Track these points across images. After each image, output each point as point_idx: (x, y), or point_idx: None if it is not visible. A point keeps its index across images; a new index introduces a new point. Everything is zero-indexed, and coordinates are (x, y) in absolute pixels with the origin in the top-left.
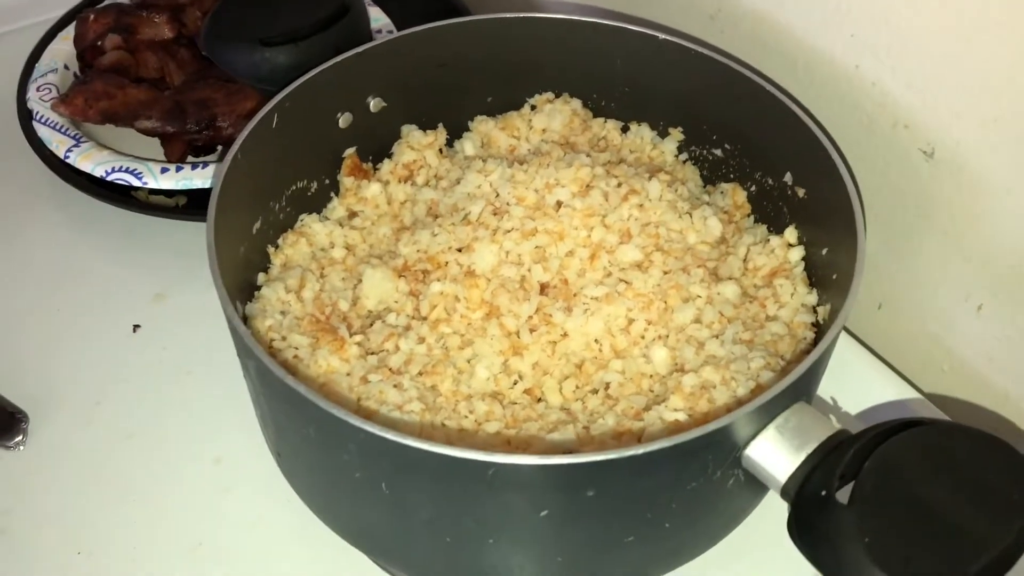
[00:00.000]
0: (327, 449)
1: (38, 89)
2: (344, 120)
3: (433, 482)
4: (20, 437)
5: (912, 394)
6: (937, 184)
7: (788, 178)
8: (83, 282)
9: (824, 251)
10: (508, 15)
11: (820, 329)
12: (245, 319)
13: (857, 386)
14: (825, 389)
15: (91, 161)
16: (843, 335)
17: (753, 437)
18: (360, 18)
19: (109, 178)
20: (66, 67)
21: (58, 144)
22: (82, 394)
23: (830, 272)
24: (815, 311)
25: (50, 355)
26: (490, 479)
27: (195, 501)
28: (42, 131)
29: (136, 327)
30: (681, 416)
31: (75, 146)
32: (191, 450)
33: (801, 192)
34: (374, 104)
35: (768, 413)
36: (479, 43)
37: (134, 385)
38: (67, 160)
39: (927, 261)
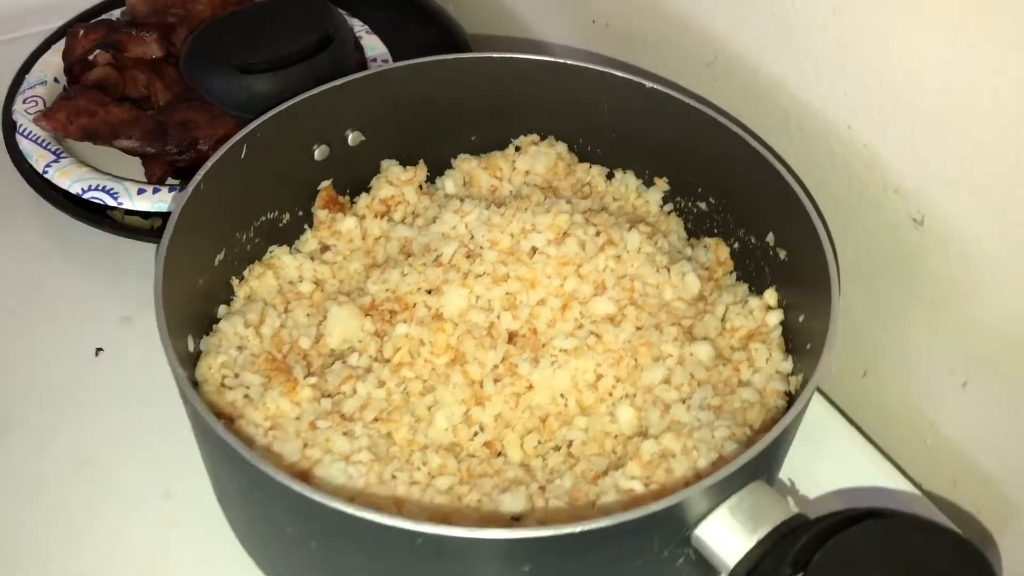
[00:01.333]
0: (257, 502)
1: (24, 101)
2: (320, 152)
3: (361, 545)
4: None
5: (891, 473)
6: (926, 253)
7: (770, 238)
8: (51, 300)
9: (801, 317)
10: (495, 55)
11: (792, 399)
12: (199, 354)
13: (833, 459)
14: (799, 458)
15: (69, 178)
16: (823, 403)
17: (705, 516)
18: (344, 49)
19: (85, 196)
20: (55, 80)
21: (38, 158)
22: (38, 417)
23: (805, 340)
24: (789, 380)
25: (9, 373)
26: (419, 548)
27: (142, 536)
28: (24, 144)
29: (99, 350)
30: (636, 485)
31: (55, 161)
32: (142, 482)
33: (783, 254)
34: (352, 137)
35: (723, 491)
36: (465, 81)
37: (91, 410)
38: (45, 175)
39: (913, 331)
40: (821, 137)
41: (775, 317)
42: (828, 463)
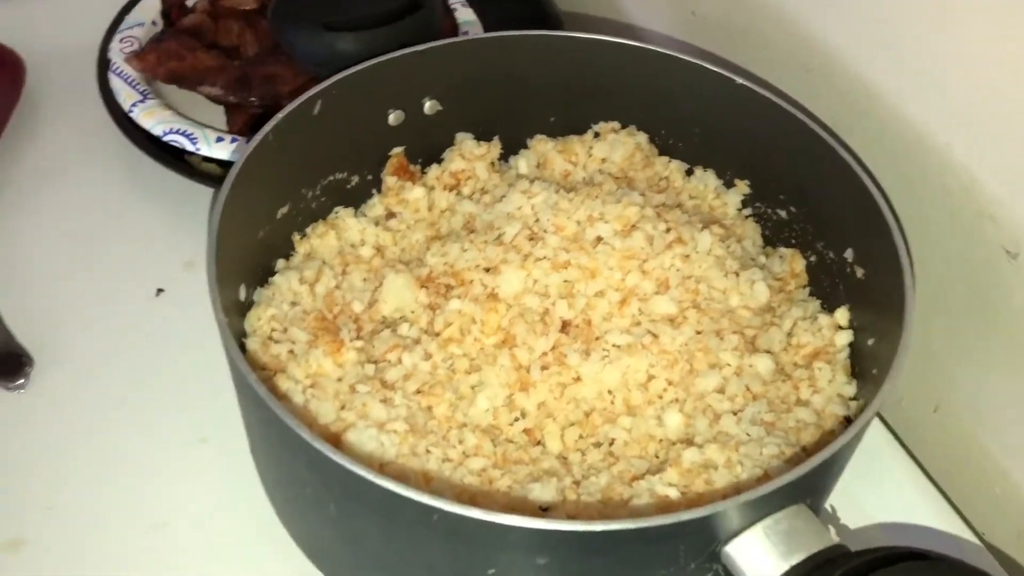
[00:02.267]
0: (284, 457)
1: (121, 40)
2: (395, 118)
3: (378, 515)
4: (22, 381)
5: (949, 516)
6: (1017, 289)
7: (849, 255)
8: (120, 235)
9: (871, 341)
10: (585, 35)
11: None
12: (251, 304)
13: (888, 493)
14: (852, 487)
15: (152, 119)
16: (887, 434)
17: (738, 533)
18: (432, 15)
19: (165, 138)
20: (153, 23)
21: (126, 97)
22: (90, 349)
23: (873, 365)
24: (850, 405)
25: (71, 305)
26: (434, 524)
27: (171, 478)
28: (114, 82)
29: (160, 291)
30: (673, 492)
31: (141, 101)
32: (181, 425)
33: (860, 272)
34: (429, 106)
35: (760, 509)
36: (551, 59)
37: (142, 350)
38: (130, 114)
39: (993, 370)
40: (917, 155)
41: (844, 338)
42: (882, 496)
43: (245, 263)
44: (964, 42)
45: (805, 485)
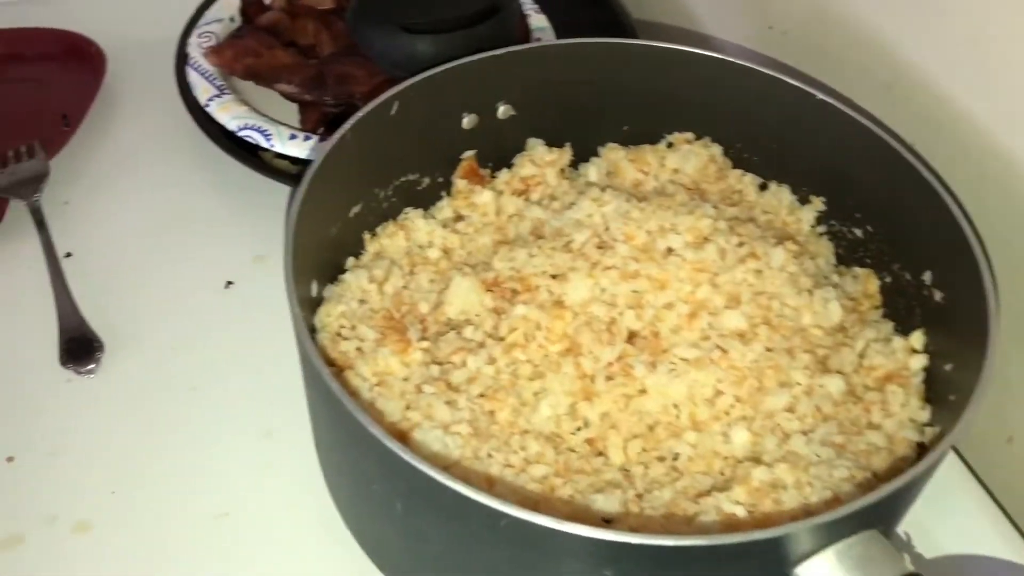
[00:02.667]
0: (351, 453)
1: (200, 36)
2: (469, 121)
3: (445, 516)
4: (93, 365)
5: (1020, 547)
6: None
7: (927, 277)
8: (193, 230)
9: (948, 366)
10: (662, 44)
11: (924, 452)
12: (321, 300)
13: (959, 523)
14: (921, 515)
15: (228, 113)
16: (958, 462)
17: (809, 556)
18: (509, 20)
19: (240, 133)
20: (232, 19)
21: (203, 91)
22: (160, 337)
23: (949, 391)
24: (923, 430)
25: (142, 294)
26: (502, 529)
27: (234, 469)
28: (192, 76)
29: (229, 283)
30: (740, 511)
31: (217, 96)
32: (246, 417)
33: (938, 296)
34: (503, 111)
35: (833, 533)
36: (626, 68)
37: (211, 340)
38: (207, 108)
39: None
40: (1003, 178)
41: (919, 362)
42: (953, 526)
43: (317, 259)
44: None
45: (880, 510)
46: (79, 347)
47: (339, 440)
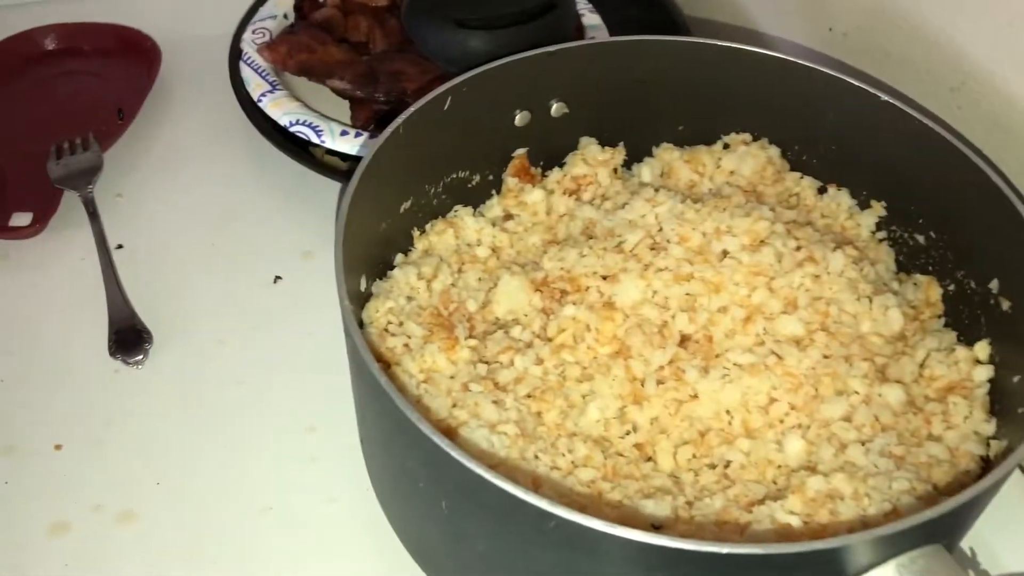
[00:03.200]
0: (397, 449)
1: (253, 32)
2: (521, 118)
3: (491, 516)
4: (141, 356)
5: None
6: None
7: (994, 285)
8: (243, 224)
9: (1016, 378)
10: (720, 42)
11: (988, 466)
12: (369, 296)
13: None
14: (985, 531)
15: (280, 109)
16: (1019, 477)
17: (867, 569)
18: (565, 17)
19: (291, 129)
20: (285, 16)
21: (256, 87)
22: (208, 330)
23: (1018, 404)
24: (988, 444)
25: (191, 286)
26: (549, 531)
27: (278, 463)
28: (245, 71)
29: (278, 278)
30: (795, 521)
31: (270, 91)
32: (291, 411)
33: (1006, 304)
34: (556, 108)
35: (895, 546)
36: (683, 66)
37: (258, 334)
38: (260, 103)
39: None
40: None
41: (983, 373)
42: (1017, 542)
43: (367, 255)
44: None
45: (945, 524)
46: (128, 338)
47: (386, 436)
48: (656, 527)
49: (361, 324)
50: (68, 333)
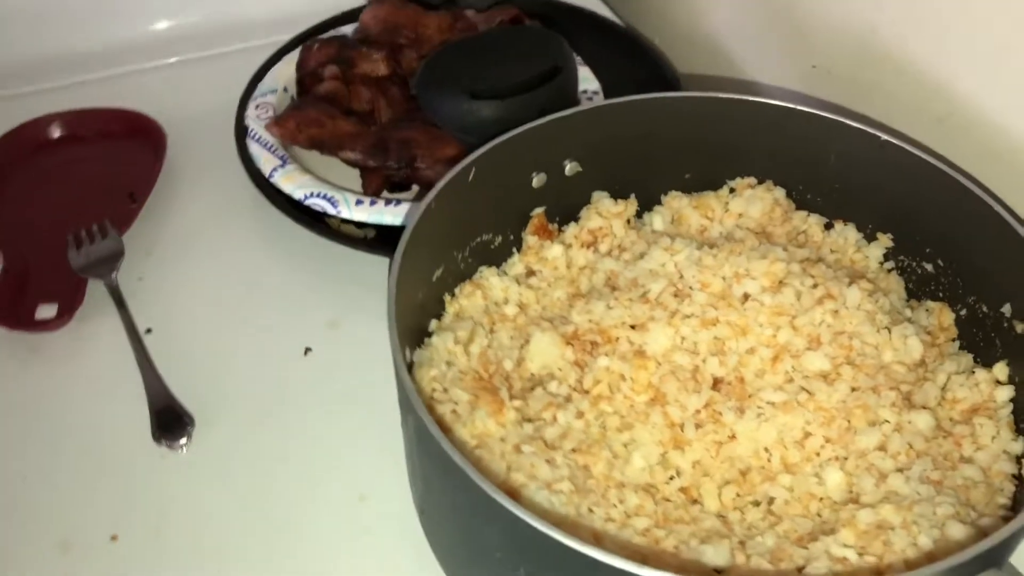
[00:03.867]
0: (472, 521)
1: (257, 107)
2: (538, 180)
3: None
4: (184, 440)
5: None
6: None
7: (1007, 309)
8: (266, 298)
9: None
10: (721, 95)
11: (1021, 483)
12: (411, 365)
13: None
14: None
15: (292, 183)
16: None
17: None
18: (569, 81)
19: (306, 202)
20: (285, 89)
21: (265, 162)
22: (248, 409)
23: None
24: (1019, 462)
25: (225, 365)
26: None
27: (333, 536)
28: (253, 147)
29: (308, 350)
30: (851, 555)
31: (280, 166)
32: (340, 482)
33: (1021, 328)
34: (570, 168)
35: (958, 575)
36: (687, 120)
37: (298, 408)
38: (271, 179)
39: None
40: None
41: (1006, 393)
42: None
43: (407, 326)
44: None
45: (1000, 550)
46: (170, 422)
47: (455, 507)
48: (719, 572)
49: None
50: (110, 422)
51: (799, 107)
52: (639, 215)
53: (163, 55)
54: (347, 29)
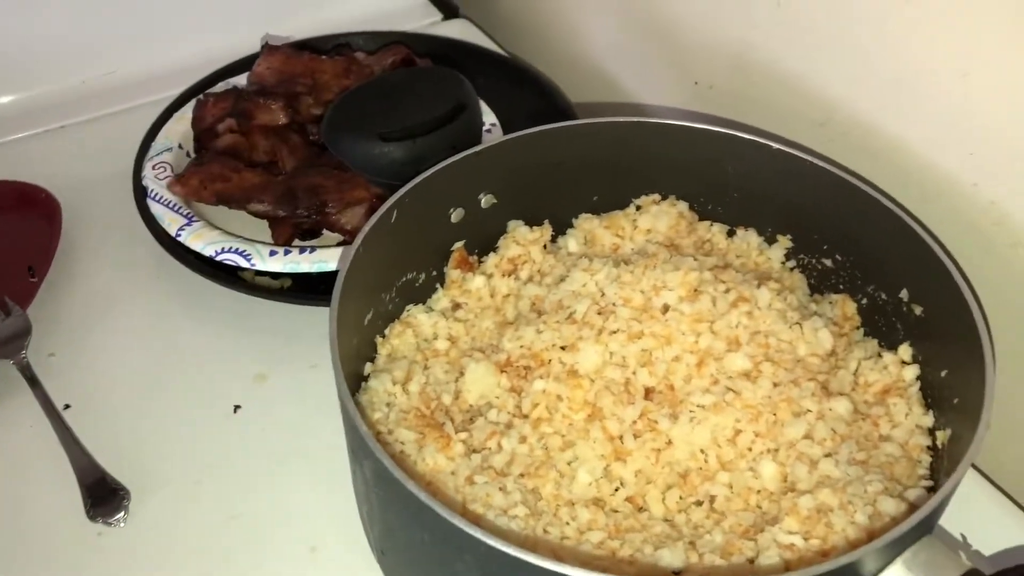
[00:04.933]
0: (440, 556)
1: (153, 167)
2: (456, 215)
3: None
4: (122, 514)
5: None
6: None
7: (904, 295)
8: (188, 360)
9: (943, 372)
10: (621, 119)
11: (937, 454)
12: None
13: (976, 519)
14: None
15: (202, 240)
16: None
17: (878, 572)
18: (475, 117)
19: (219, 258)
20: (180, 146)
21: (170, 222)
22: (183, 473)
23: (949, 395)
24: (931, 434)
25: (154, 433)
26: None
27: None
28: (155, 208)
29: (237, 407)
30: (797, 540)
31: (187, 224)
32: (289, 536)
33: (918, 310)
34: (485, 200)
35: (899, 546)
36: (591, 145)
37: (234, 466)
38: (178, 238)
39: None
40: (944, 196)
41: (911, 372)
42: (970, 521)
43: (348, 373)
44: (987, 88)
45: (932, 518)
46: (104, 497)
47: (421, 545)
48: (677, 573)
49: None
50: (42, 507)
51: (694, 125)
52: (554, 239)
53: (47, 121)
54: (236, 80)
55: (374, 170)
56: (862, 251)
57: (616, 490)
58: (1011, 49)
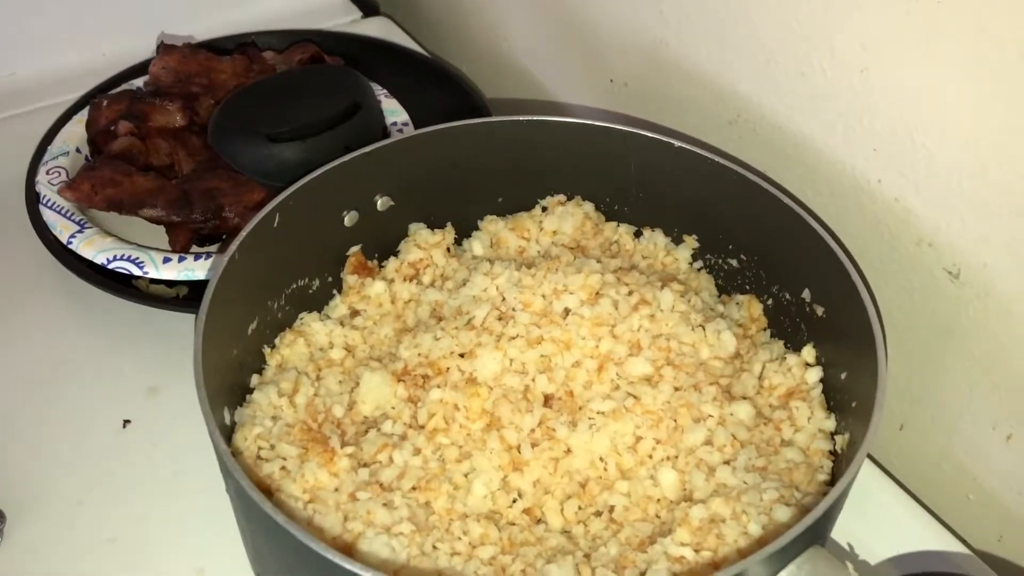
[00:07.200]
0: None
1: (48, 172)
2: (349, 219)
3: None
4: None
5: (938, 532)
6: (963, 306)
7: (806, 295)
8: (77, 372)
9: (843, 375)
10: (522, 117)
11: (838, 458)
12: (234, 425)
13: (876, 518)
14: (844, 520)
15: (93, 248)
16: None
17: None
18: (372, 116)
19: (110, 266)
20: (78, 150)
21: (62, 229)
22: (65, 493)
23: (849, 398)
24: (833, 438)
25: (36, 449)
26: None
27: None
28: (47, 215)
29: (126, 422)
30: (687, 552)
31: (79, 232)
32: (175, 558)
33: (820, 310)
34: (381, 203)
35: (783, 558)
36: (492, 145)
37: (120, 485)
38: (69, 246)
39: (952, 384)
40: (849, 193)
41: (814, 374)
42: (873, 523)
43: (224, 384)
44: (887, 85)
45: (819, 527)
46: None
47: (290, 569)
48: None
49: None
50: None
51: (596, 123)
52: (458, 242)
53: None
54: (137, 83)
55: (263, 173)
56: (765, 250)
57: (514, 502)
58: (906, 45)
